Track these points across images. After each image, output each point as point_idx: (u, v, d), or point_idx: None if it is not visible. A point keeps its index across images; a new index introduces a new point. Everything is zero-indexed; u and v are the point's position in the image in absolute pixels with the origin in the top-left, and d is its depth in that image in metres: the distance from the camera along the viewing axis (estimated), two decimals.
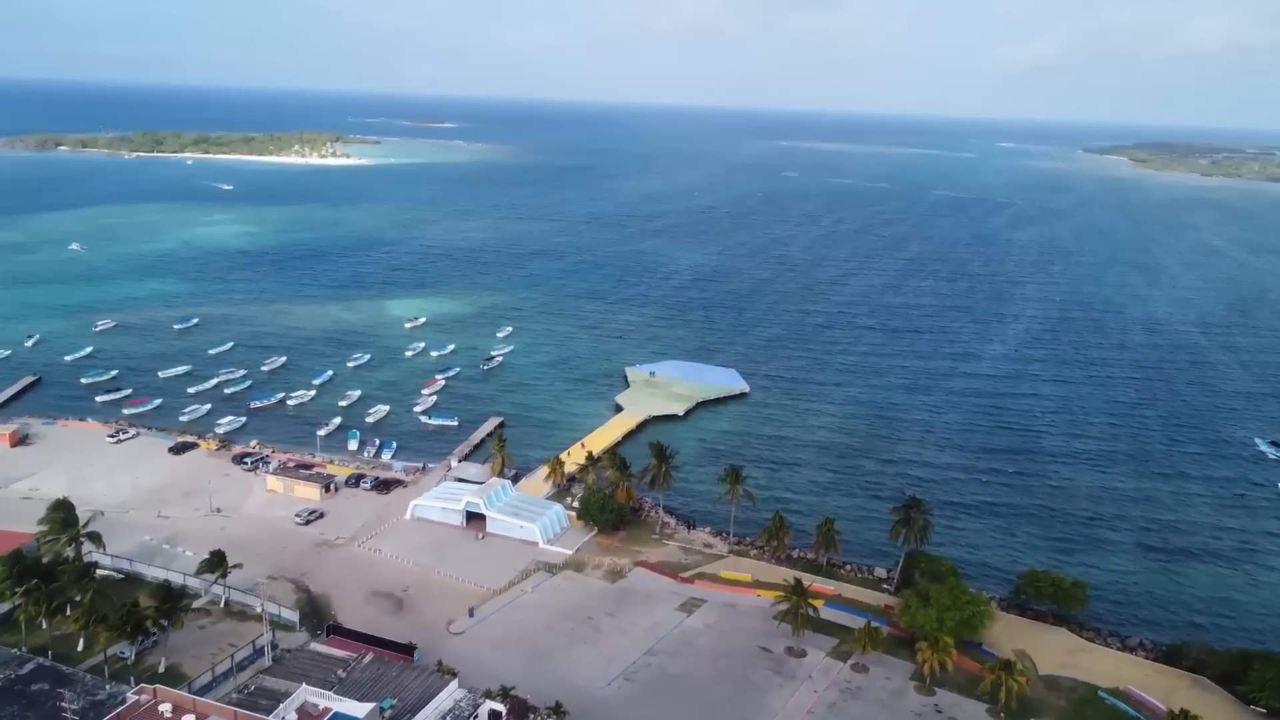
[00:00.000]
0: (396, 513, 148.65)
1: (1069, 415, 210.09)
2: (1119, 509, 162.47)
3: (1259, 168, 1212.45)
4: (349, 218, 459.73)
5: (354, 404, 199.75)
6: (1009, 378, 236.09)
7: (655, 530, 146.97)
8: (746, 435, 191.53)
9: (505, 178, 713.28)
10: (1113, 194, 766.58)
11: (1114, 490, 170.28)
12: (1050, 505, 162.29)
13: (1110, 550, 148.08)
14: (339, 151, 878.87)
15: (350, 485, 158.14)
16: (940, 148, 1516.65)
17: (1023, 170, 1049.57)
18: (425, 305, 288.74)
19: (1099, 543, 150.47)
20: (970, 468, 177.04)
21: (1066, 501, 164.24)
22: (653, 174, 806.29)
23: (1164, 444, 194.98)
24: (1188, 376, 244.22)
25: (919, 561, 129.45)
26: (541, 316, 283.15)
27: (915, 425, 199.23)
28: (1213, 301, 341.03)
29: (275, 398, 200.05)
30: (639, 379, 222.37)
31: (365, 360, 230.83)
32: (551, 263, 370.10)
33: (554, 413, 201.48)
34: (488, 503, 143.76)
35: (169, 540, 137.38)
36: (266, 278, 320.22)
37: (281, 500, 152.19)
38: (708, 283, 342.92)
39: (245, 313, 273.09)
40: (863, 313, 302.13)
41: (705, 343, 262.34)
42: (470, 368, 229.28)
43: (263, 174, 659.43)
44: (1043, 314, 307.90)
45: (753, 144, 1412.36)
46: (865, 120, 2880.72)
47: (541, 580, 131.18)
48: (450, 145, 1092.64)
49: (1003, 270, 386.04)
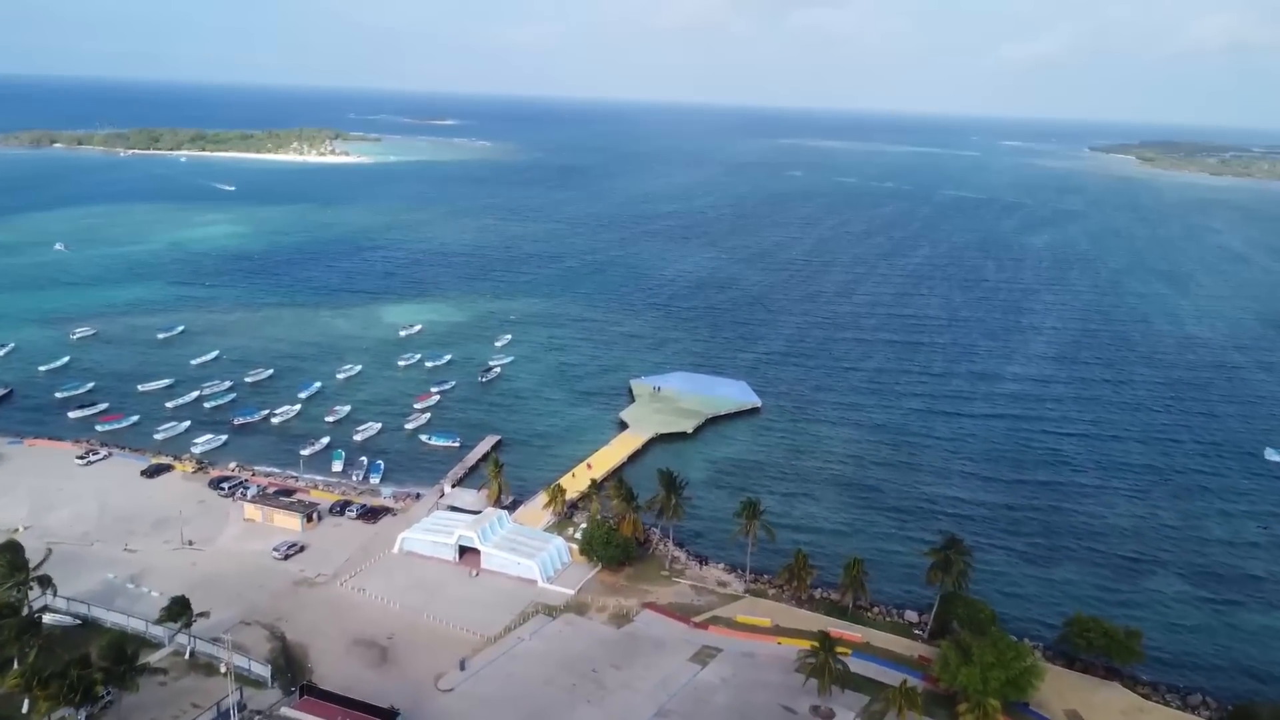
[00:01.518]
0: (383, 546, 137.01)
1: (1100, 438, 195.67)
2: (1161, 542, 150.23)
3: (1268, 167, 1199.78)
4: (345, 218, 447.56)
5: (342, 420, 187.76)
6: (1033, 399, 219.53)
7: (664, 566, 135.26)
8: (760, 457, 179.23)
9: (505, 177, 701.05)
10: (1124, 195, 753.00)
11: (1154, 520, 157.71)
12: (1087, 538, 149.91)
13: (1156, 589, 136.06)
14: (338, 149, 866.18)
15: (334, 513, 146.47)
16: (943, 146, 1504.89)
17: (1029, 169, 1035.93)
18: (421, 311, 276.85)
19: (1143, 581, 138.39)
20: (998, 496, 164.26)
21: (1104, 534, 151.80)
22: (653, 173, 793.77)
23: (1205, 470, 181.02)
24: (1225, 396, 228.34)
25: (956, 606, 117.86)
26: (541, 324, 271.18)
27: (936, 447, 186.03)
28: (1244, 313, 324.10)
29: (259, 414, 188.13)
30: (644, 392, 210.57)
31: (356, 372, 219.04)
32: (551, 266, 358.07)
33: (555, 431, 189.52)
34: (482, 536, 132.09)
35: (134, 578, 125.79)
36: (257, 281, 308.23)
37: (259, 531, 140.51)
38: (712, 288, 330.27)
39: (232, 319, 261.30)
40: (873, 323, 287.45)
41: (712, 352, 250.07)
42: (467, 380, 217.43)
43: (262, 173, 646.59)
44: (1063, 326, 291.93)
45: (755, 142, 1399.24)
46: (867, 118, 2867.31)
47: (541, 625, 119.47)
48: (451, 143, 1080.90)
49: (1018, 278, 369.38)
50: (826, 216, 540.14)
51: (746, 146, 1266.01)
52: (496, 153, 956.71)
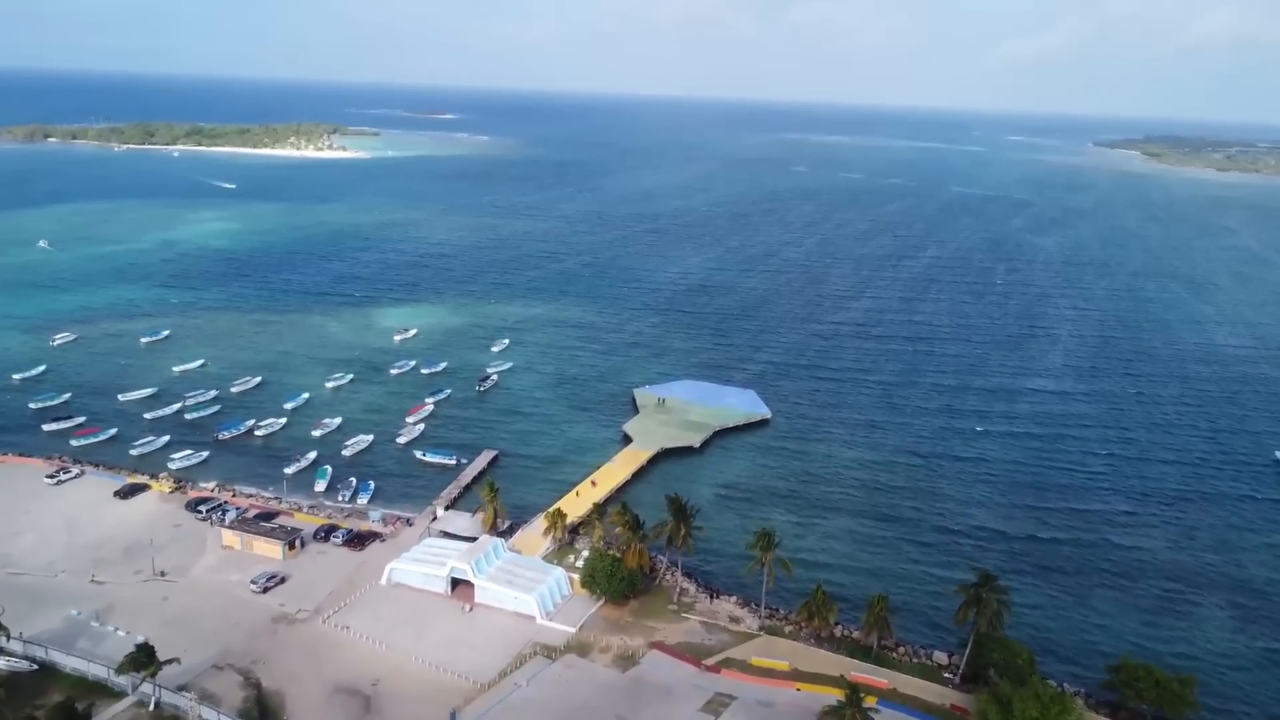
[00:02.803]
0: (371, 576, 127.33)
1: (1127, 458, 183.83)
2: (1201, 570, 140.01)
3: (1275, 163, 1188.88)
4: (340, 216, 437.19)
5: (330, 434, 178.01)
6: (1053, 417, 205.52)
7: (672, 598, 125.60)
8: (771, 475, 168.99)
9: (503, 172, 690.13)
10: (1133, 192, 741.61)
11: (1191, 548, 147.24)
12: (1121, 567, 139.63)
13: (1200, 626, 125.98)
14: (336, 144, 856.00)
15: (319, 539, 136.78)
16: (948, 141, 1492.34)
17: (1035, 165, 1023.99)
18: (416, 315, 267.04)
19: (1185, 616, 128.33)
20: (1023, 523, 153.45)
21: (1139, 562, 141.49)
22: (653, 168, 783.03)
23: (1239, 492, 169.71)
24: (1257, 410, 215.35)
25: (991, 648, 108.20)
26: (540, 327, 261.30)
27: (955, 468, 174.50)
28: (1273, 320, 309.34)
29: (243, 427, 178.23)
30: (649, 403, 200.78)
31: (346, 380, 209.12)
32: (549, 266, 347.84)
33: (555, 445, 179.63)
34: (476, 568, 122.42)
35: (100, 614, 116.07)
36: (248, 283, 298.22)
37: (237, 560, 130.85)
38: (714, 290, 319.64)
39: (221, 323, 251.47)
40: (881, 330, 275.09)
41: (717, 359, 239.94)
42: (463, 389, 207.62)
43: (259, 169, 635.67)
44: (1082, 335, 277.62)
45: (756, 137, 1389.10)
46: (869, 114, 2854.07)
47: (539, 669, 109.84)
48: (451, 138, 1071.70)
49: (1030, 282, 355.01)
50: (831, 214, 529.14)
51: (747, 141, 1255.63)
52: (495, 148, 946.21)
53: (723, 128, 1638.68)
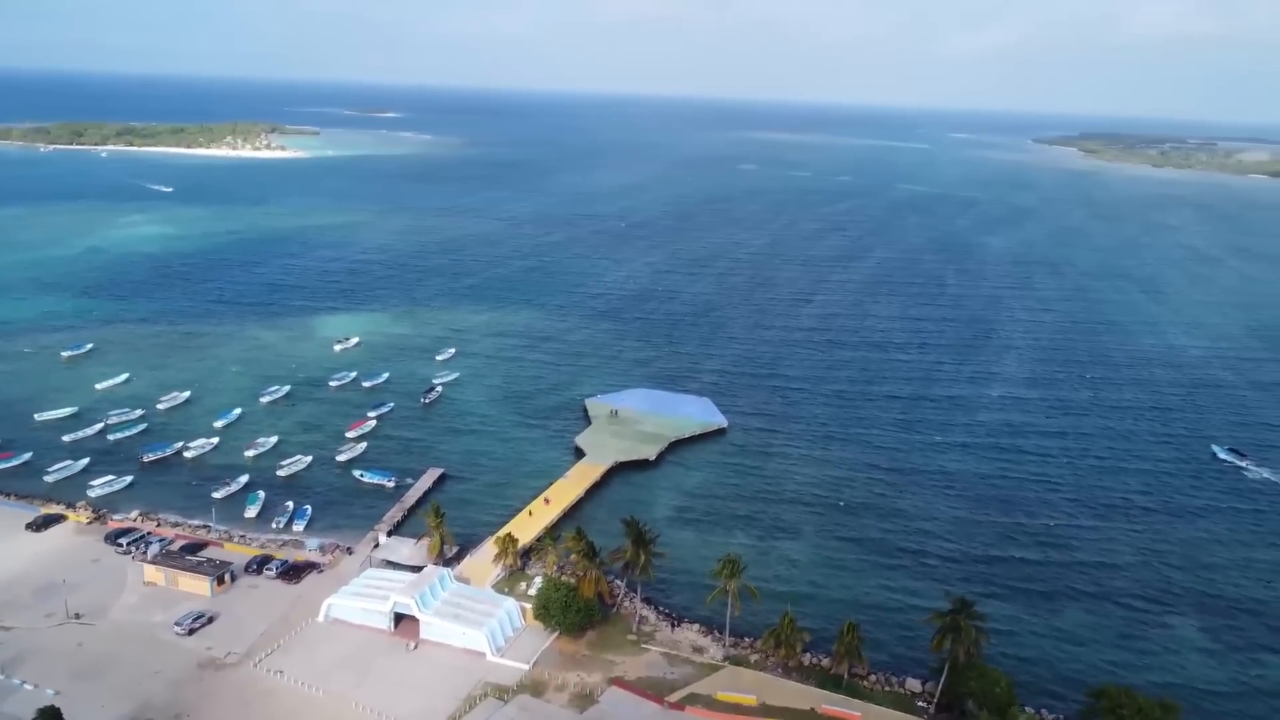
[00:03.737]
0: (307, 612, 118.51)
1: (1091, 469, 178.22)
2: (1170, 587, 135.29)
3: (1207, 159, 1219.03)
4: (278, 219, 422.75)
5: (265, 454, 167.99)
6: (1012, 428, 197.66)
7: (631, 628, 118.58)
8: (731, 490, 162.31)
9: (447, 172, 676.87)
10: (1075, 190, 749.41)
11: (1159, 562, 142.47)
12: (1092, 585, 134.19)
13: (1174, 642, 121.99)
14: (274, 143, 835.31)
15: (251, 572, 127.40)
16: (893, 139, 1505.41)
17: (979, 163, 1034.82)
18: (357, 322, 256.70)
19: (1159, 631, 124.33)
20: (991, 537, 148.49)
21: (1109, 580, 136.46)
22: (602, 168, 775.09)
23: (1208, 504, 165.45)
24: (1226, 423, 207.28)
25: (968, 677, 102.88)
26: (486, 335, 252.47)
27: (918, 480, 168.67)
28: (1231, 324, 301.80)
29: (171, 448, 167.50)
30: (601, 413, 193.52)
31: (282, 395, 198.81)
32: (495, 270, 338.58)
33: (504, 461, 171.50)
34: (421, 602, 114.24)
35: (5, 667, 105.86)
36: (178, 291, 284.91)
37: (161, 597, 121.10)
38: (664, 294, 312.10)
39: (148, 334, 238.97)
40: (835, 337, 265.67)
41: (670, 366, 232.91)
42: (407, 402, 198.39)
43: (194, 170, 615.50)
44: (1037, 340, 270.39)
45: (705, 135, 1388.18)
46: (816, 111, 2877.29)
47: (491, 712, 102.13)
48: (394, 136, 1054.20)
49: (981, 284, 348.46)
50: (780, 214, 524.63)
51: (697, 140, 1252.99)
52: (440, 147, 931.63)
53: (670, 126, 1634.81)
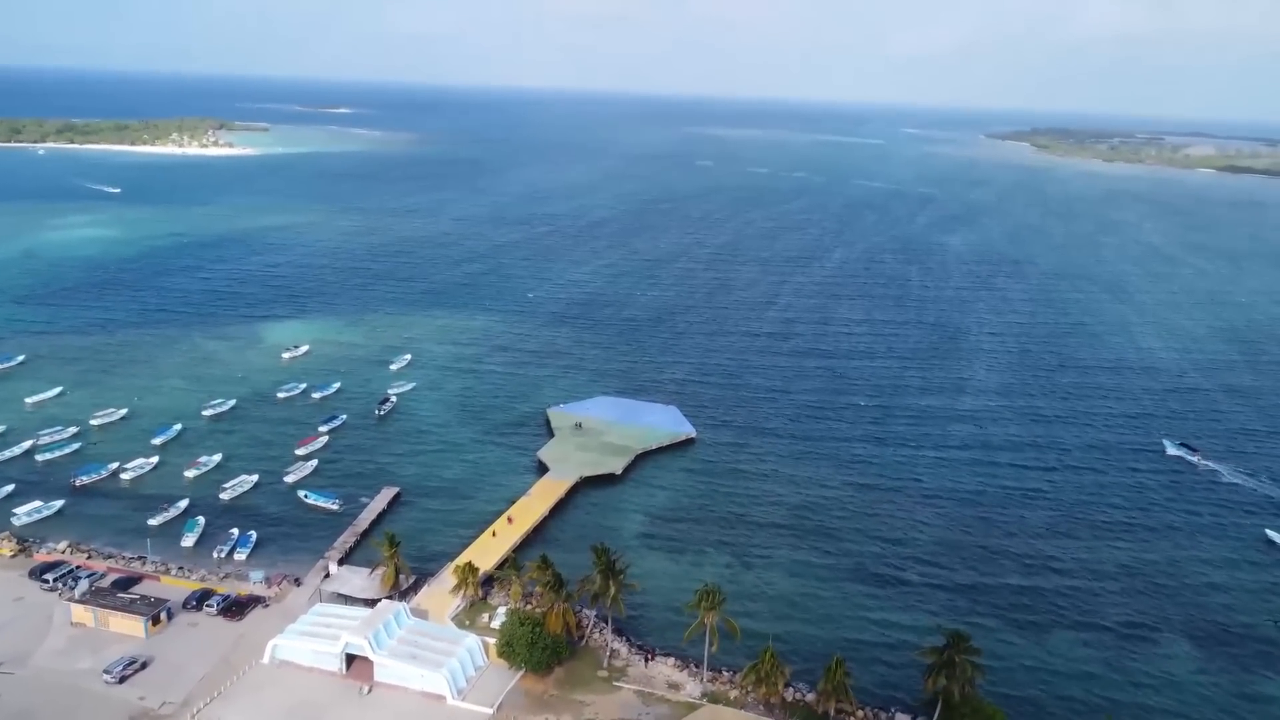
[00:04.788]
0: (251, 654, 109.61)
1: (1069, 482, 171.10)
2: (1159, 607, 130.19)
3: (1155, 154, 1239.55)
4: (224, 219, 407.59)
5: (208, 473, 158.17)
6: (989, 442, 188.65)
7: (602, 663, 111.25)
8: (703, 507, 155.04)
9: (400, 170, 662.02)
10: (1029, 187, 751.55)
11: (1145, 580, 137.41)
12: (1080, 607, 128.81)
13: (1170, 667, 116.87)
14: (222, 140, 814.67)
15: (190, 608, 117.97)
16: (847, 134, 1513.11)
17: (933, 158, 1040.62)
18: (307, 329, 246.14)
19: (1153, 656, 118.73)
20: (973, 557, 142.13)
21: (1096, 601, 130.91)
22: (555, 165, 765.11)
23: (1189, 512, 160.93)
24: (1209, 433, 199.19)
25: (961, 712, 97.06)
26: (442, 341, 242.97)
27: (895, 497, 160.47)
28: (1198, 326, 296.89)
29: (105, 470, 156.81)
30: (564, 424, 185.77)
31: (227, 407, 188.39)
32: (449, 272, 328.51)
33: (463, 478, 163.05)
34: (375, 642, 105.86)
35: None
36: (117, 297, 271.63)
37: (90, 640, 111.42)
38: (624, 297, 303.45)
39: (84, 344, 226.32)
40: (800, 344, 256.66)
41: (634, 373, 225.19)
42: (361, 415, 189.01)
43: (136, 168, 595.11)
44: (1005, 347, 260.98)
45: (659, 131, 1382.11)
46: (770, 106, 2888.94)
47: None
48: (345, 133, 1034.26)
49: (945, 287, 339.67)
50: (737, 213, 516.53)
51: (651, 137, 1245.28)
52: (392, 144, 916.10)
53: (626, 123, 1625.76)
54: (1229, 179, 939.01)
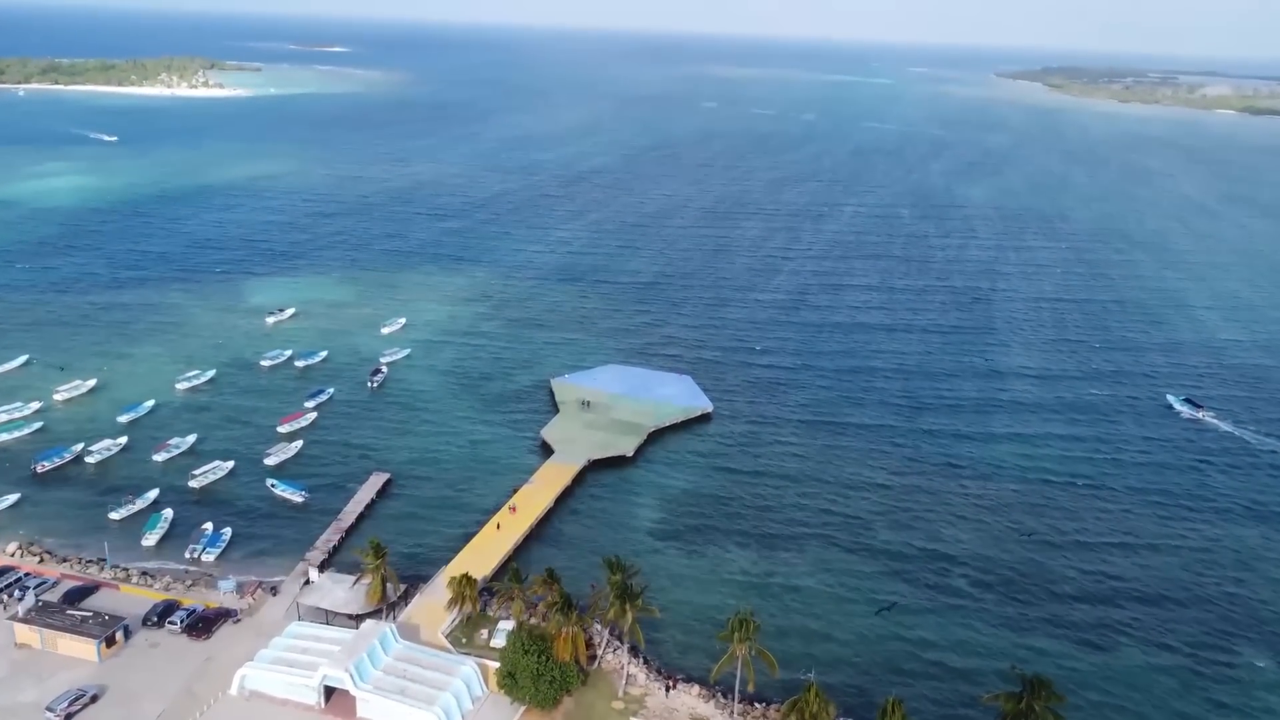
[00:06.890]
0: (218, 683, 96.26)
1: (1130, 485, 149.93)
2: (1242, 625, 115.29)
3: (1171, 94, 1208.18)
4: (210, 167, 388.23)
5: (180, 456, 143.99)
6: (1033, 436, 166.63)
7: (617, 691, 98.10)
8: (723, 495, 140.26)
9: (394, 113, 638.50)
10: (1048, 129, 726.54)
11: (1221, 592, 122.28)
12: (1155, 627, 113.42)
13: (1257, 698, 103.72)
14: (213, 81, 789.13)
15: (150, 625, 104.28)
16: (853, 74, 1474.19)
17: (944, 99, 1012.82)
18: (293, 288, 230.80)
19: (1238, 685, 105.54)
20: (1025, 557, 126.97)
21: (1172, 619, 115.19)
22: (555, 107, 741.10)
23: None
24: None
25: None
26: (438, 302, 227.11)
27: (934, 493, 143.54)
28: (1257, 294, 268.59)
29: (69, 452, 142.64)
30: (569, 398, 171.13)
31: (205, 379, 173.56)
32: (444, 224, 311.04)
33: (460, 461, 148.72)
34: (358, 673, 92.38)
35: None
36: (91, 253, 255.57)
37: (36, 666, 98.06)
38: (631, 250, 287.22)
39: (51, 306, 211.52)
40: (812, 317, 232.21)
41: (641, 338, 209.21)
42: (350, 387, 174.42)
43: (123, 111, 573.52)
44: (1041, 320, 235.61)
45: (658, 70, 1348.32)
46: (772, 45, 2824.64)
47: None
48: (339, 72, 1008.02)
49: (970, 248, 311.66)
50: (742, 160, 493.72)
51: (650, 76, 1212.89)
52: (386, 84, 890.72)
53: (622, 60, 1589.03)
54: (1251, 120, 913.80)
